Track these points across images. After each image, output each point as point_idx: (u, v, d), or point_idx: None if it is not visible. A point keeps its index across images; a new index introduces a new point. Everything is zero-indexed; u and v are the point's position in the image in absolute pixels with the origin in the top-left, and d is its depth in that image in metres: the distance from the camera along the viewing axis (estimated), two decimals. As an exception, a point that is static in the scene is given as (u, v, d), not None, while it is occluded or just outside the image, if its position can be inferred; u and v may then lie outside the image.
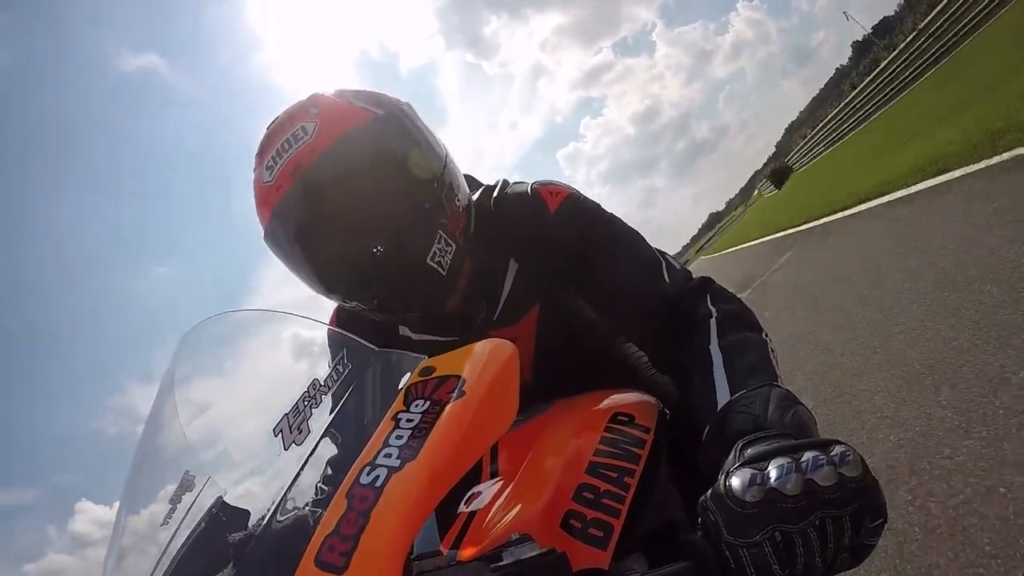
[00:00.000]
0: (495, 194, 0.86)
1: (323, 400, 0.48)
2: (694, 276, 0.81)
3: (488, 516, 0.53)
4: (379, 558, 0.35)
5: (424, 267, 0.72)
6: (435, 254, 0.72)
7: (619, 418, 0.68)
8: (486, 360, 0.46)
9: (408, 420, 0.43)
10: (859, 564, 0.44)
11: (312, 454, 0.45)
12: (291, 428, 0.45)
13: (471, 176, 0.97)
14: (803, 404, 0.56)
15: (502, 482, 0.59)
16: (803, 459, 0.42)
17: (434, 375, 0.46)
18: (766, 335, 0.70)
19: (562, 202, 0.81)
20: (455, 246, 0.75)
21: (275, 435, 0.45)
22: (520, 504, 0.53)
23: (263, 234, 0.74)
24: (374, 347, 0.52)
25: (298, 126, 0.70)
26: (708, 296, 0.75)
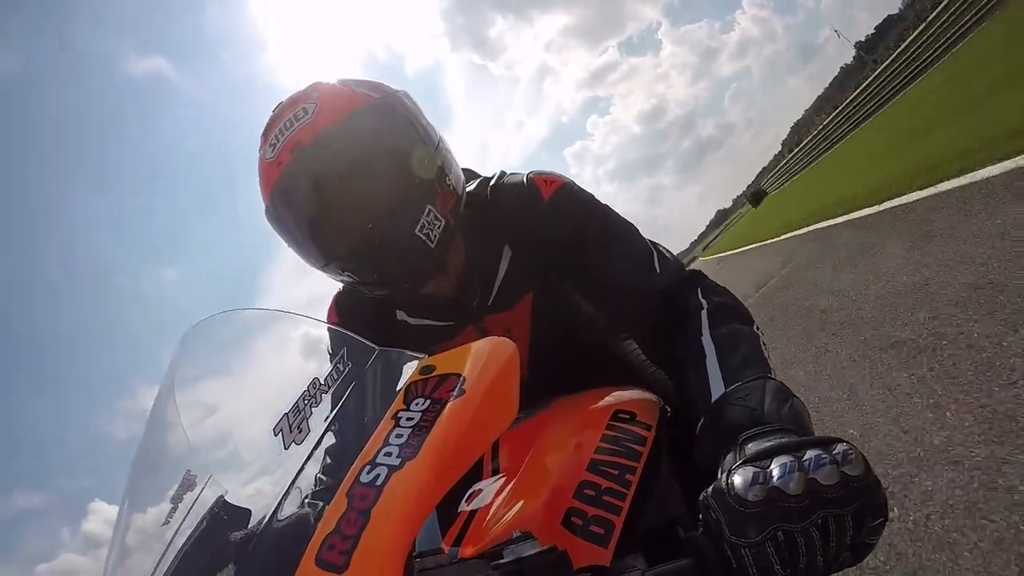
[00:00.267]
0: (492, 183, 0.88)
1: (323, 399, 0.48)
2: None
3: (489, 514, 0.53)
4: (380, 557, 0.35)
5: (412, 238, 0.74)
6: (423, 226, 0.74)
7: (620, 416, 0.68)
8: (486, 358, 0.46)
9: (408, 419, 0.43)
10: (860, 562, 0.44)
11: (312, 453, 0.45)
12: (291, 427, 0.45)
13: (470, 169, 0.99)
14: (797, 397, 0.56)
15: (503, 480, 0.59)
16: (806, 458, 0.41)
17: (434, 373, 0.46)
18: (757, 327, 0.70)
19: (556, 191, 0.83)
20: (444, 221, 0.76)
21: (275, 434, 0.45)
22: (521, 502, 0.53)
23: (264, 209, 0.77)
24: (374, 345, 0.52)
25: (300, 107, 0.74)
26: (699, 288, 0.76)
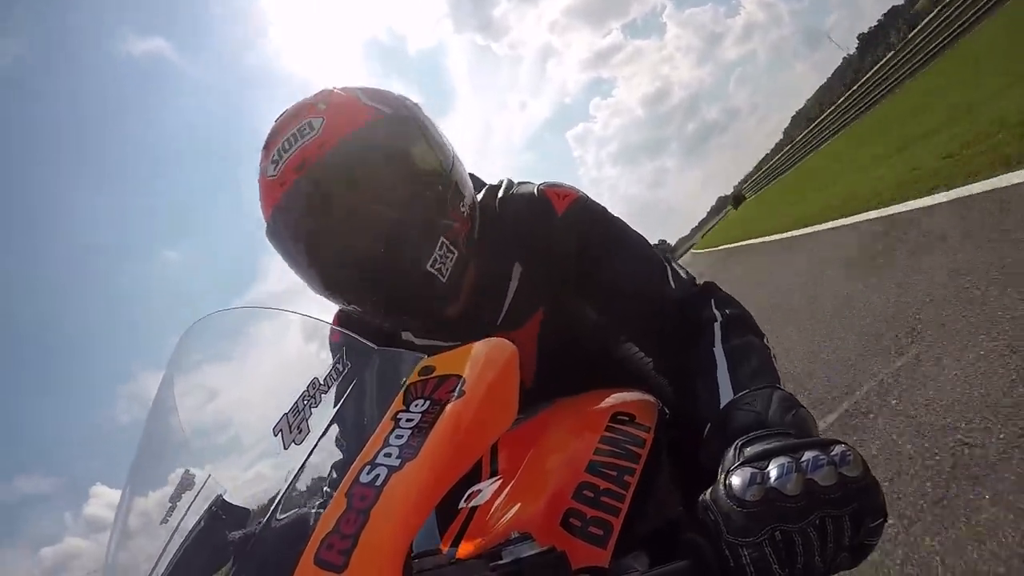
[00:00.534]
0: (500, 195, 0.84)
1: (323, 399, 0.48)
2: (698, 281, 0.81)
3: (488, 514, 0.53)
4: (379, 556, 0.35)
5: (424, 273, 0.71)
6: (435, 260, 0.71)
7: (619, 417, 0.68)
8: (486, 359, 0.46)
9: (408, 419, 0.43)
10: (859, 564, 0.44)
11: (312, 453, 0.45)
12: (291, 427, 0.45)
13: (474, 175, 0.94)
14: (804, 407, 0.56)
15: (502, 480, 0.59)
16: (803, 459, 0.42)
17: (434, 374, 0.46)
18: (767, 340, 0.70)
19: (570, 205, 0.79)
20: (456, 253, 0.73)
21: (275, 434, 0.45)
22: (520, 502, 0.53)
23: (265, 228, 0.73)
24: (374, 346, 0.52)
25: (305, 121, 0.69)
26: (712, 301, 0.75)
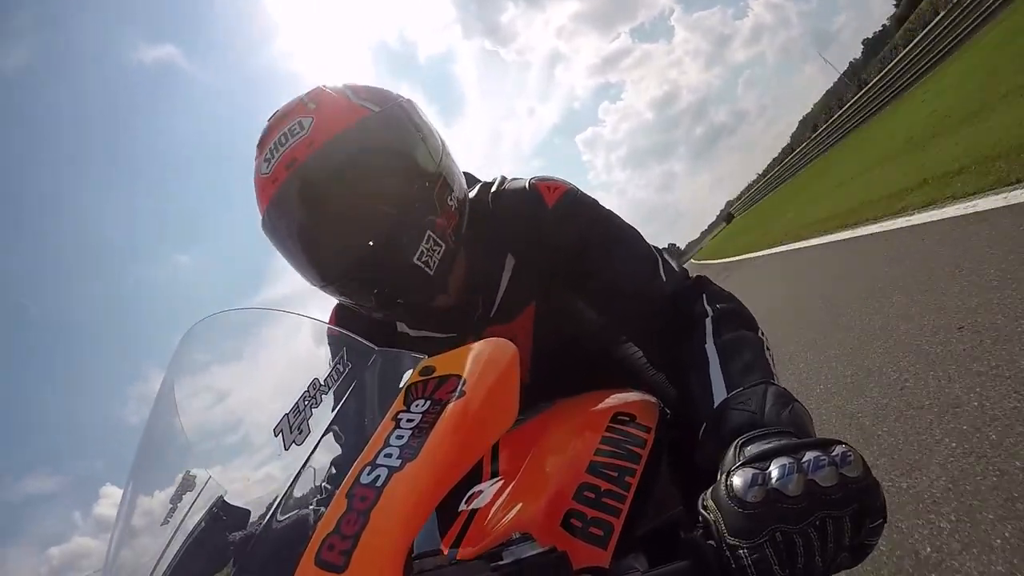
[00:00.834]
0: (493, 190, 0.86)
1: (323, 400, 0.48)
2: (690, 275, 0.81)
3: (489, 515, 0.53)
4: (379, 557, 0.35)
5: (411, 266, 0.72)
6: (423, 253, 0.73)
7: (620, 418, 0.68)
8: (487, 360, 0.46)
9: (408, 420, 0.43)
10: (859, 564, 0.44)
11: (312, 454, 0.45)
12: (291, 428, 0.45)
13: (469, 174, 0.96)
14: (799, 401, 0.56)
15: (503, 481, 0.59)
16: (804, 459, 0.42)
17: (434, 375, 0.46)
18: (762, 333, 0.70)
19: (560, 197, 0.81)
20: (444, 246, 0.75)
21: (275, 435, 0.45)
22: (521, 503, 0.53)
23: (260, 223, 0.76)
24: (374, 346, 0.52)
25: (296, 120, 0.71)
26: (704, 295, 0.75)
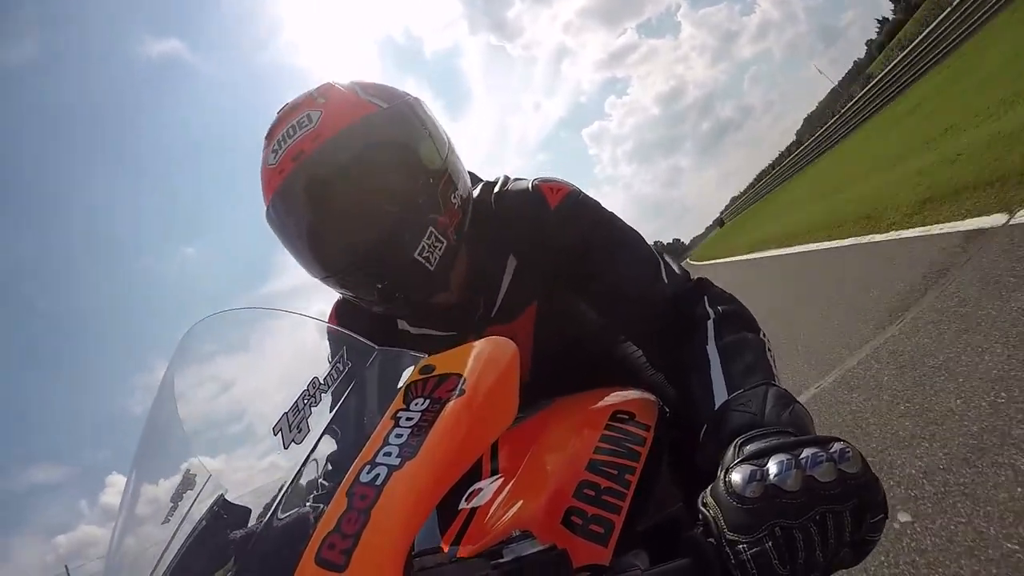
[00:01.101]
0: (496, 190, 0.86)
1: (323, 398, 0.48)
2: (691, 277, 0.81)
3: (489, 513, 0.53)
4: (380, 555, 0.35)
5: (412, 262, 0.73)
6: (423, 249, 0.73)
7: (620, 416, 0.68)
8: (487, 358, 0.46)
9: (408, 418, 0.43)
10: (860, 561, 0.44)
11: (312, 453, 0.45)
12: (291, 427, 0.45)
13: (472, 173, 0.96)
14: (800, 403, 0.56)
15: (503, 479, 0.59)
16: (803, 455, 0.42)
17: (434, 373, 0.46)
18: (763, 335, 0.70)
19: (562, 199, 0.81)
20: (446, 243, 0.75)
21: (275, 434, 0.45)
22: (521, 501, 0.53)
23: (264, 213, 0.76)
24: (374, 345, 0.52)
25: (304, 113, 0.72)
26: (706, 297, 0.75)
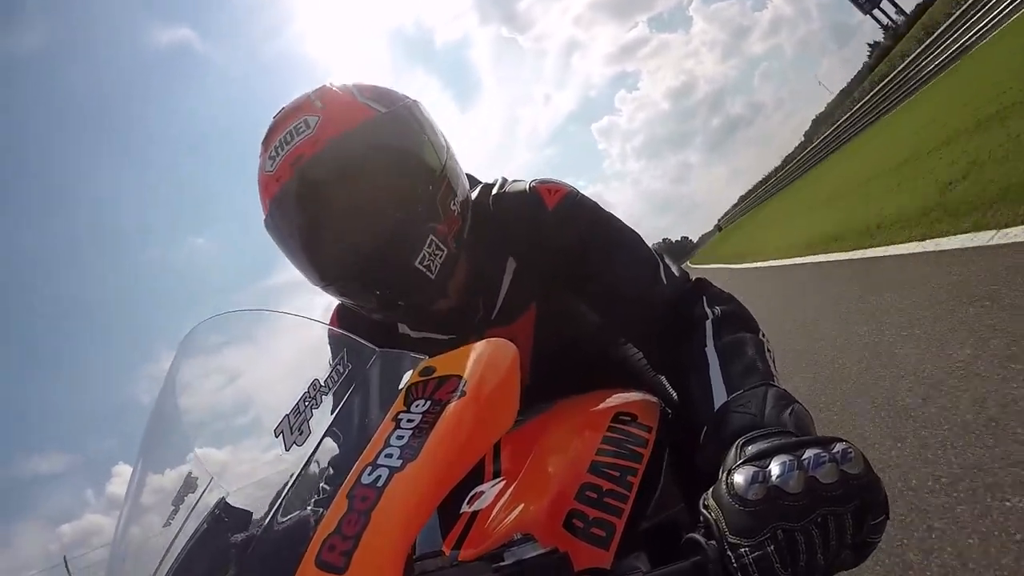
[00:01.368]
0: (494, 192, 0.86)
1: (324, 400, 0.48)
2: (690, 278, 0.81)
3: (490, 516, 0.53)
4: (380, 558, 0.35)
5: (412, 270, 0.72)
6: (424, 257, 0.72)
7: (621, 418, 0.68)
8: (487, 360, 0.46)
9: (409, 420, 0.43)
10: (862, 562, 0.44)
11: (313, 455, 0.45)
12: (292, 429, 0.45)
13: (470, 175, 0.95)
14: (800, 403, 0.55)
15: (504, 482, 0.59)
16: (805, 456, 0.42)
17: (435, 375, 0.46)
18: (763, 335, 0.70)
19: (560, 200, 0.81)
20: (446, 251, 0.74)
21: (276, 436, 0.45)
22: (522, 504, 0.53)
23: (263, 220, 0.76)
24: (375, 347, 0.52)
25: (302, 119, 0.71)
26: (704, 298, 0.75)
